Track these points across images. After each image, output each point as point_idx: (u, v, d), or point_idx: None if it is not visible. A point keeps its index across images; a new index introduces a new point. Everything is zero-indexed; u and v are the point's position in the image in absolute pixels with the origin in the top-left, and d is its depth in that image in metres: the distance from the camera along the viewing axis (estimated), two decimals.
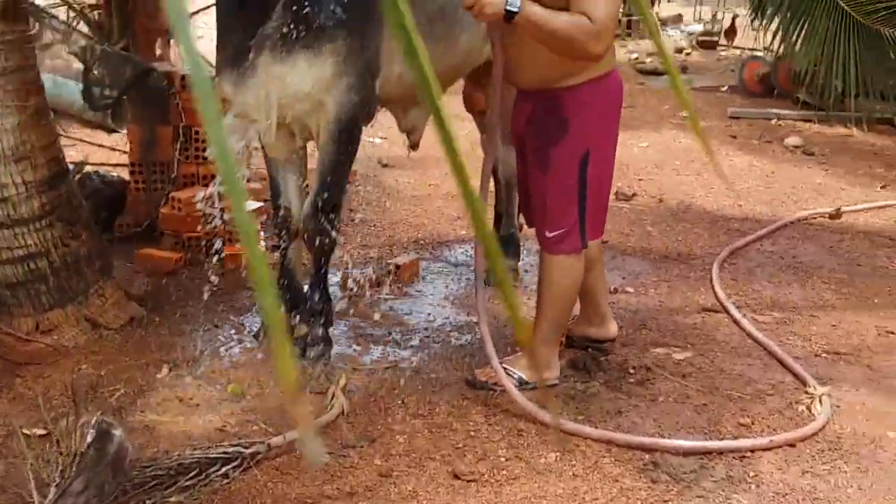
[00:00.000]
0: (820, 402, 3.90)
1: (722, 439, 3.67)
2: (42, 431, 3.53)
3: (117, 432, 3.24)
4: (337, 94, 3.88)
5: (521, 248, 5.36)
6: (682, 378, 4.14)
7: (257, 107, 3.84)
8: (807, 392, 4.01)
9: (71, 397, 3.69)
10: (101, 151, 7.12)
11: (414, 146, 4.95)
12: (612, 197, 6.47)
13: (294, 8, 3.68)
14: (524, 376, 3.98)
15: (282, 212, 4.23)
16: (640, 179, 7.43)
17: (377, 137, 7.56)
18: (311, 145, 4.55)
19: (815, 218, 6.55)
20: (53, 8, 8.32)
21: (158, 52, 7.80)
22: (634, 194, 6.95)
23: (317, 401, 3.83)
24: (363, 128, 4.12)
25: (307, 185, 4.56)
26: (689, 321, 4.77)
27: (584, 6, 3.40)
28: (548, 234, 3.90)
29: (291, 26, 3.71)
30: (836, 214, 6.57)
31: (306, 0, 3.67)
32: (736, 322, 4.72)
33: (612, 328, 4.36)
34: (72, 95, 7.08)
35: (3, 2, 3.89)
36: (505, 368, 3.93)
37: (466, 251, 5.67)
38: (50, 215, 4.17)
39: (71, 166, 6.19)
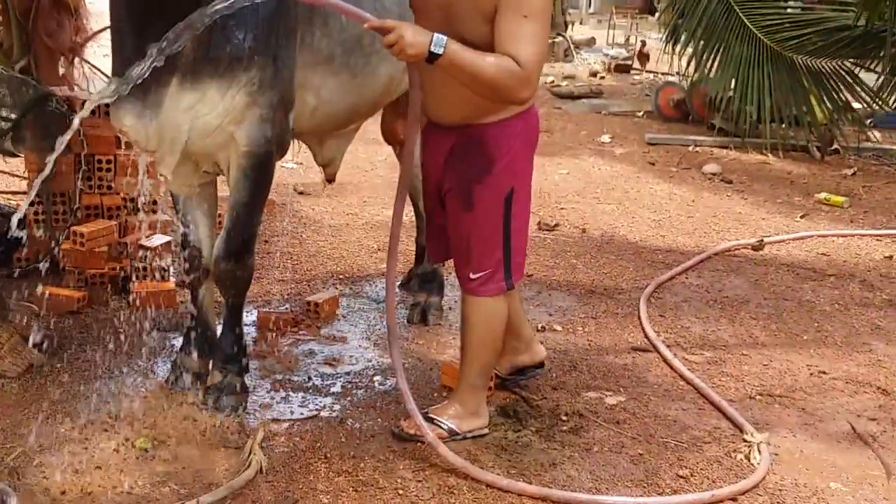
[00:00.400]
0: (759, 450, 3.76)
1: (662, 494, 3.50)
2: None
3: (13, 500, 2.98)
4: (249, 127, 3.64)
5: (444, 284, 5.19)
6: (615, 425, 3.97)
7: (160, 139, 3.58)
8: (744, 440, 3.87)
9: None
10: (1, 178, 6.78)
11: (330, 179, 4.79)
12: (534, 227, 6.41)
13: (204, 32, 3.43)
14: (453, 426, 3.76)
15: (191, 250, 3.98)
16: (561, 208, 7.34)
17: (292, 162, 7.28)
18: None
19: (738, 249, 6.49)
20: None
21: (61, 71, 7.49)
22: (557, 224, 6.84)
23: (233, 456, 3.57)
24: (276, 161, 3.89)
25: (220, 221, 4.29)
26: (620, 361, 4.61)
27: (511, 47, 3.21)
28: (471, 276, 3.69)
29: (201, 52, 3.47)
30: (759, 246, 6.52)
31: (217, 25, 3.39)
32: (667, 362, 4.59)
33: (541, 350, 4.22)
34: None
35: None
36: (431, 419, 3.73)
37: None
38: None
39: None
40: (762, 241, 6.58)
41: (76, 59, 6.58)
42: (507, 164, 3.56)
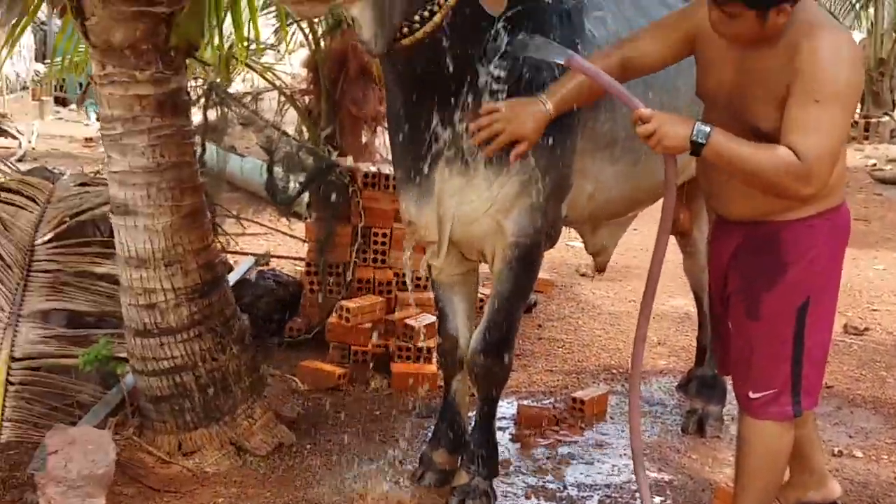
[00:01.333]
0: None
1: None
2: None
3: None
4: (518, 217, 3.40)
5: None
6: None
7: (430, 225, 3.45)
8: None
9: None
10: (289, 242, 6.93)
11: (601, 269, 4.52)
12: (839, 330, 5.75)
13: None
14: None
15: (448, 341, 3.78)
16: (873, 310, 6.60)
17: (577, 240, 7.05)
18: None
19: None
20: (266, 92, 8.32)
21: (364, 139, 7.66)
22: (867, 328, 6.11)
23: None
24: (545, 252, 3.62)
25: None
26: None
27: (792, 136, 2.79)
28: (751, 395, 3.22)
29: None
30: None
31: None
32: None
33: (836, 488, 3.64)
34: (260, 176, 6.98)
35: (162, 94, 3.65)
36: None
37: (666, 386, 5.05)
38: (199, 325, 3.86)
39: (248, 261, 6.06)
40: None
41: (378, 128, 6.69)
42: (805, 269, 3.09)
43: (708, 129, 2.83)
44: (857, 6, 16.19)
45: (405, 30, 3.07)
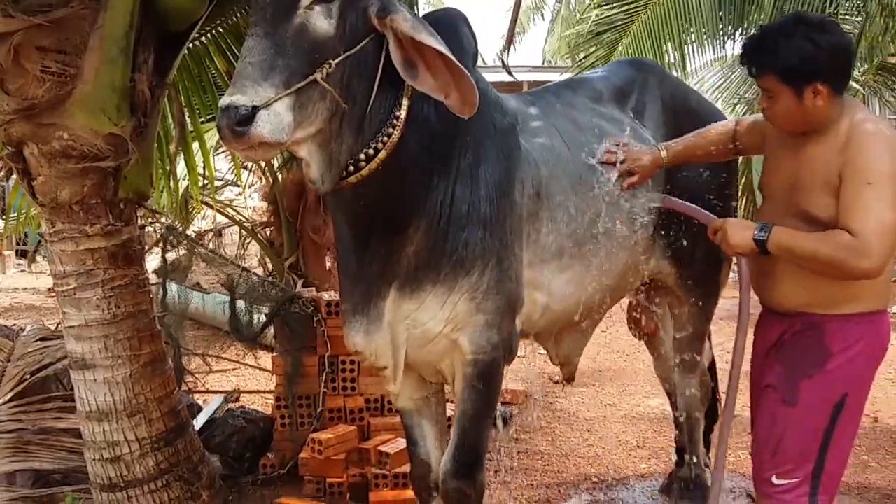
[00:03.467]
0: None
1: None
2: None
3: None
4: (473, 334, 3.40)
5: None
6: None
7: (382, 352, 3.43)
8: None
9: None
10: (258, 375, 6.90)
11: (569, 379, 4.47)
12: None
13: (427, 242, 3.32)
14: None
15: (419, 467, 3.74)
16: None
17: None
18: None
19: None
20: (227, 227, 8.38)
21: (328, 265, 7.74)
22: None
23: None
24: (506, 366, 3.59)
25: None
26: None
27: (846, 218, 2.92)
28: (774, 481, 3.24)
29: (421, 258, 3.33)
30: None
31: (440, 231, 3.30)
32: None
33: None
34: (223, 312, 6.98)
35: (114, 246, 3.67)
36: None
37: (648, 489, 4.99)
38: (167, 474, 3.83)
39: (218, 399, 6.03)
40: None
41: None
42: (846, 364, 3.15)
43: (770, 225, 3.08)
44: None
45: (351, 168, 3.11)
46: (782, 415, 3.24)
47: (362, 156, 3.12)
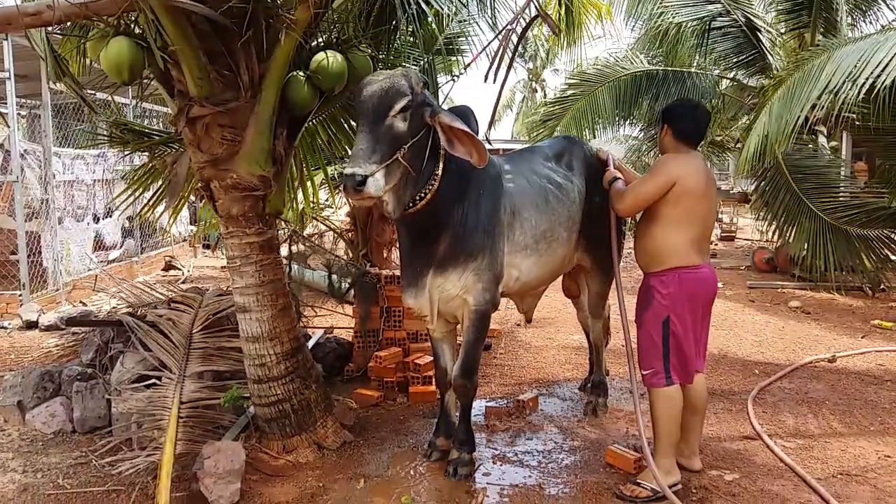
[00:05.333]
0: None
1: None
2: None
3: None
4: (476, 294, 3.40)
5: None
6: (731, 497, 3.29)
7: (425, 307, 3.43)
8: None
9: None
10: (344, 319, 6.86)
11: (529, 321, 4.46)
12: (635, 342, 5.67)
13: (452, 242, 3.29)
14: (655, 486, 3.22)
15: (440, 371, 3.73)
16: None
17: (513, 305, 7.00)
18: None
19: (817, 362, 5.57)
20: (326, 232, 8.29)
21: (385, 255, 7.67)
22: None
23: None
24: (493, 314, 3.58)
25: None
26: (734, 447, 3.89)
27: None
28: (643, 372, 3.31)
29: (448, 251, 3.31)
30: (833, 359, 5.58)
31: (459, 237, 3.31)
32: (770, 448, 3.85)
33: (696, 463, 3.54)
34: (324, 281, 6.94)
35: (262, 241, 3.63)
36: (638, 483, 3.27)
37: (572, 388, 4.95)
38: (292, 374, 3.78)
39: (320, 332, 5.99)
40: (835, 356, 5.64)
41: (393, 248, 6.73)
42: (662, 299, 3.23)
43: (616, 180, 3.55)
44: None
45: (410, 205, 3.17)
46: (639, 334, 3.33)
47: (417, 198, 3.18)
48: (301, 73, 3.52)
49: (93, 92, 4.32)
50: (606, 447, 3.76)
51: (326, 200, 8.06)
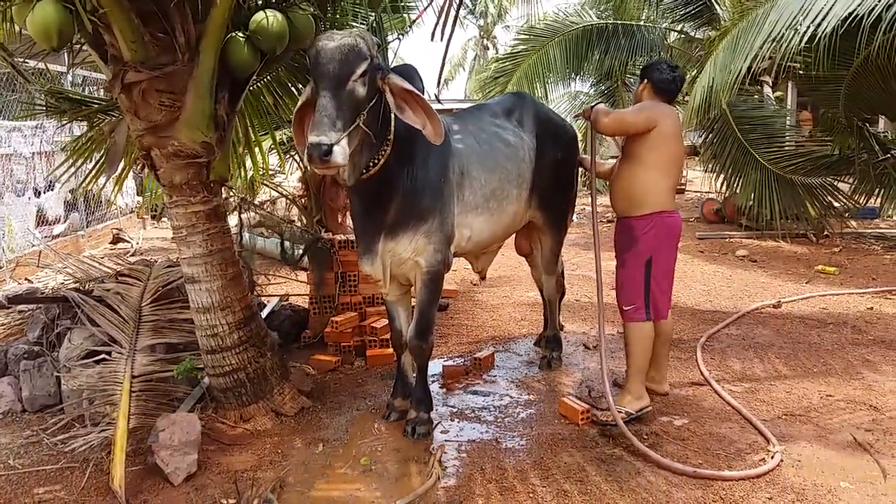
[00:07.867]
0: (772, 456, 3.23)
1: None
2: (233, 501, 3.01)
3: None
4: (427, 256, 3.40)
5: (563, 343, 4.75)
6: (682, 441, 3.41)
7: (378, 271, 3.42)
8: (767, 449, 3.28)
9: (251, 480, 3.18)
10: (298, 285, 6.82)
11: (483, 278, 4.50)
12: (587, 298, 5.82)
13: (402, 206, 3.28)
14: (629, 409, 3.53)
15: (395, 333, 3.74)
16: None
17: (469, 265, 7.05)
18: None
19: (763, 308, 5.76)
20: (278, 198, 8.16)
21: (339, 220, 7.60)
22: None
23: (422, 469, 3.23)
24: (445, 274, 3.59)
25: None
26: (683, 393, 4.02)
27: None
28: (624, 308, 3.50)
29: (398, 216, 3.29)
30: (778, 305, 5.77)
31: (408, 200, 3.28)
32: (717, 393, 3.98)
33: (665, 387, 3.82)
34: (277, 249, 6.88)
35: (208, 209, 3.57)
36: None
37: (527, 343, 5.04)
38: (245, 343, 3.75)
39: (275, 300, 5.95)
40: (780, 301, 5.84)
41: (346, 213, 6.68)
42: (645, 240, 3.43)
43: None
44: None
45: (364, 171, 3.13)
46: (621, 273, 3.52)
47: (371, 163, 3.14)
48: (240, 34, 3.41)
49: (24, 60, 4.13)
50: (560, 399, 3.84)
51: (277, 165, 7.93)
